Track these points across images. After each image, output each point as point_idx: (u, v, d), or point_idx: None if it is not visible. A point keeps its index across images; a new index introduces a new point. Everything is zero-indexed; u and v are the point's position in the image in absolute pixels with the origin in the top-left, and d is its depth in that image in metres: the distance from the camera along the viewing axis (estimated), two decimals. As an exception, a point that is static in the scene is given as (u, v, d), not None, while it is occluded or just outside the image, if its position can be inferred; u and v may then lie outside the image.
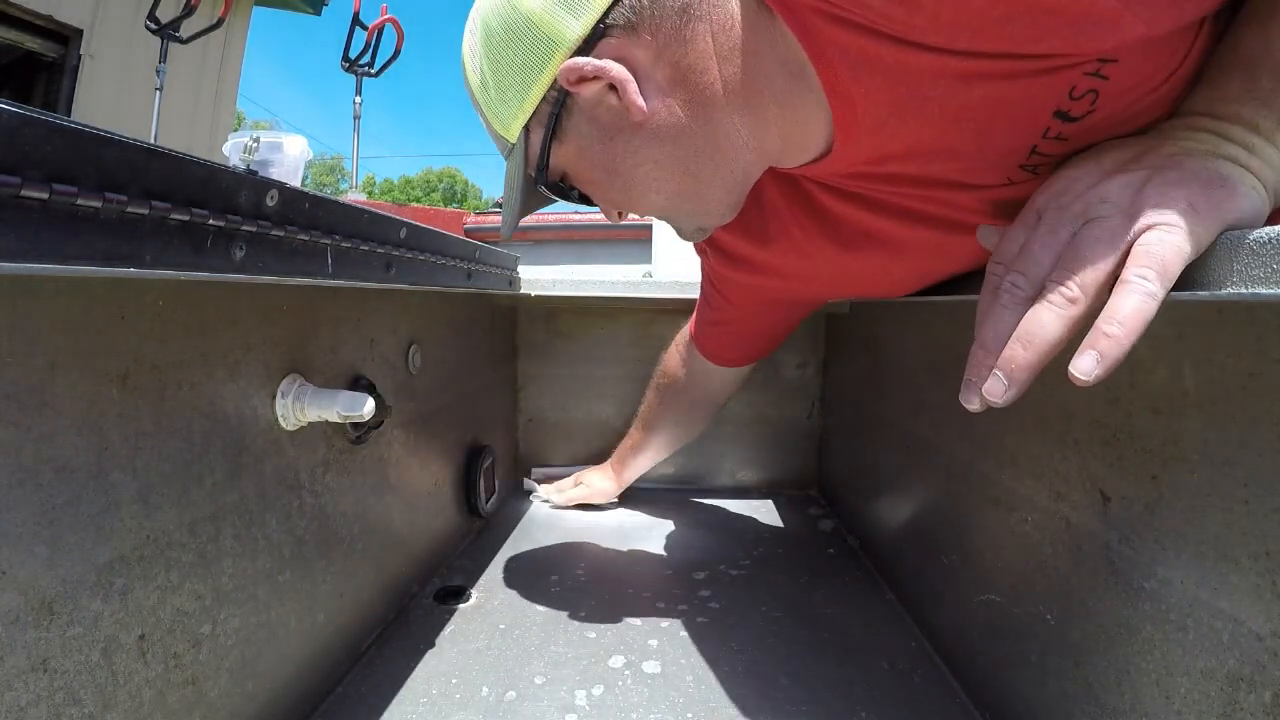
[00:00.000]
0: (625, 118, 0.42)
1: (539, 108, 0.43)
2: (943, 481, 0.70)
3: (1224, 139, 0.33)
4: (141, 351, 0.39)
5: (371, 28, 2.39)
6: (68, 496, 0.34)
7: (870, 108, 0.39)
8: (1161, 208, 0.30)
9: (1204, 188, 0.30)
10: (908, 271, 0.57)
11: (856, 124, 0.40)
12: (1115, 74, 0.34)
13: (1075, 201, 0.33)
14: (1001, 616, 0.56)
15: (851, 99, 0.39)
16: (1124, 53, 0.33)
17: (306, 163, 1.22)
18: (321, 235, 0.42)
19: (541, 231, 2.11)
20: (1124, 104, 0.36)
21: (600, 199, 0.50)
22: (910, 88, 0.37)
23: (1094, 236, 0.31)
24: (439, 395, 0.86)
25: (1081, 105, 0.36)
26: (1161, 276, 0.29)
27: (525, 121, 0.44)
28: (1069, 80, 0.35)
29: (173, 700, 0.41)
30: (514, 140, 0.45)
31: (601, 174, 0.46)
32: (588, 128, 0.43)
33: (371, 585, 0.68)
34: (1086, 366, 0.29)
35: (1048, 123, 0.37)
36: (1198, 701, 0.36)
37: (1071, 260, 0.31)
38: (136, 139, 0.28)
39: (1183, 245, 0.29)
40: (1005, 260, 0.35)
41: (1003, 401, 0.33)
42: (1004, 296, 0.34)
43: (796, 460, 1.24)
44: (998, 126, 0.38)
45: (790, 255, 0.60)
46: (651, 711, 0.59)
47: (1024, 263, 0.34)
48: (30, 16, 3.58)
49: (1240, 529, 0.33)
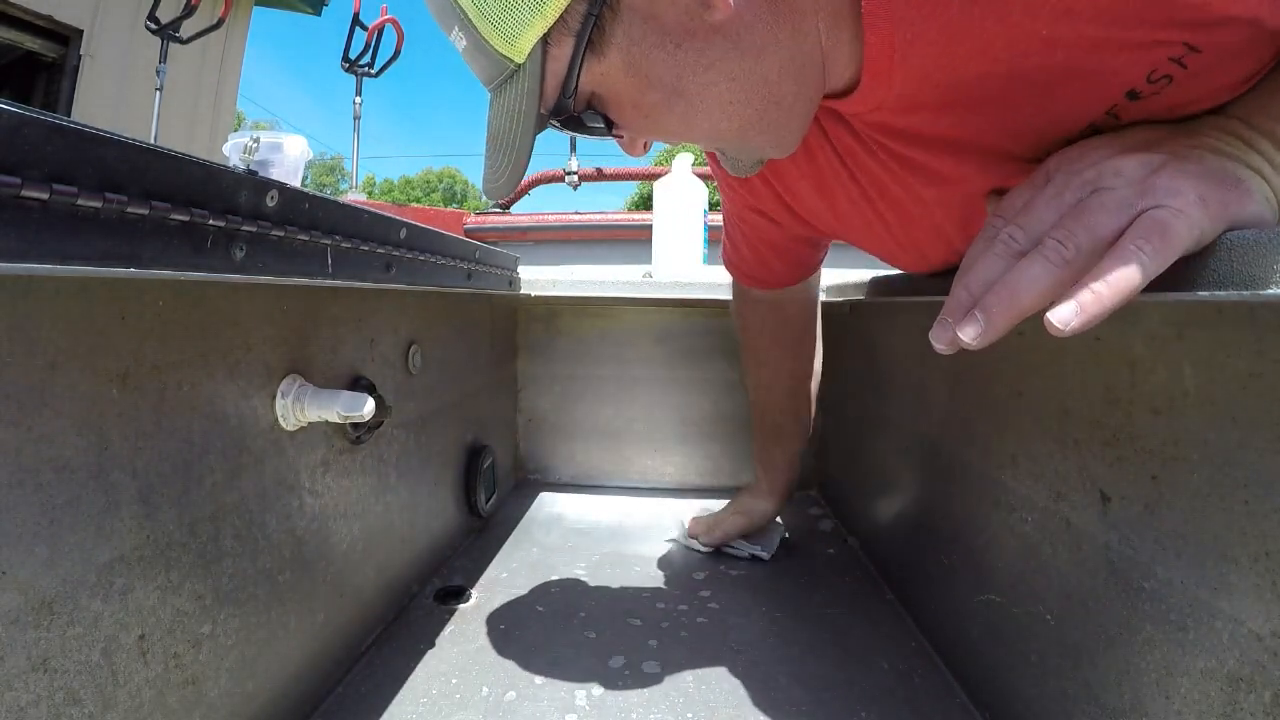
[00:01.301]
0: (700, 18, 0.34)
1: (569, 8, 0.33)
2: (943, 481, 0.70)
3: (1251, 148, 0.32)
4: (141, 351, 0.39)
5: (371, 28, 2.39)
6: (68, 496, 0.34)
7: (913, 57, 0.35)
8: (1173, 192, 0.29)
9: (1218, 185, 0.30)
10: (913, 242, 0.54)
11: (890, 70, 0.36)
12: (1194, 65, 0.32)
13: (1088, 169, 0.32)
14: (1001, 616, 0.56)
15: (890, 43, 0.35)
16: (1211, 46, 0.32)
17: (306, 163, 1.22)
18: (321, 235, 0.42)
19: (541, 232, 2.11)
20: (1187, 98, 0.34)
21: (644, 128, 0.40)
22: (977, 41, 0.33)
23: (1100, 203, 0.31)
24: (439, 395, 0.86)
25: (1153, 89, 0.33)
26: (1158, 254, 0.28)
27: (545, 30, 0.34)
28: (1154, 61, 0.32)
29: (173, 700, 0.41)
30: (520, 59, 0.35)
31: (661, 95, 0.37)
32: (644, 32, 0.35)
33: (371, 585, 0.68)
34: (1065, 315, 0.28)
35: (1117, 99, 0.34)
36: (1198, 701, 0.36)
37: (1072, 221, 0.31)
38: (136, 139, 0.28)
39: (1185, 232, 0.29)
40: (1006, 215, 0.34)
41: (975, 343, 0.31)
42: (998, 246, 0.33)
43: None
44: (1067, 90, 0.34)
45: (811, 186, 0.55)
46: (651, 711, 0.59)
47: (1025, 218, 0.33)
48: (30, 16, 3.58)
49: (1240, 529, 0.33)
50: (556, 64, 0.36)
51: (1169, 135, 0.34)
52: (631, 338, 1.22)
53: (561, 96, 0.37)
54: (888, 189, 0.49)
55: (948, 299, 0.34)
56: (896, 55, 0.35)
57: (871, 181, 0.49)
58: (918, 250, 0.56)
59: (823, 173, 0.53)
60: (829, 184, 0.53)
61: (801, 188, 0.57)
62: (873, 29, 0.34)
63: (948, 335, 0.32)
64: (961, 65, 0.35)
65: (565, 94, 0.36)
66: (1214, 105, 0.35)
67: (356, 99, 2.65)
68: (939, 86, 0.37)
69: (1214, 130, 0.34)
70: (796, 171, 0.55)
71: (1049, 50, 0.33)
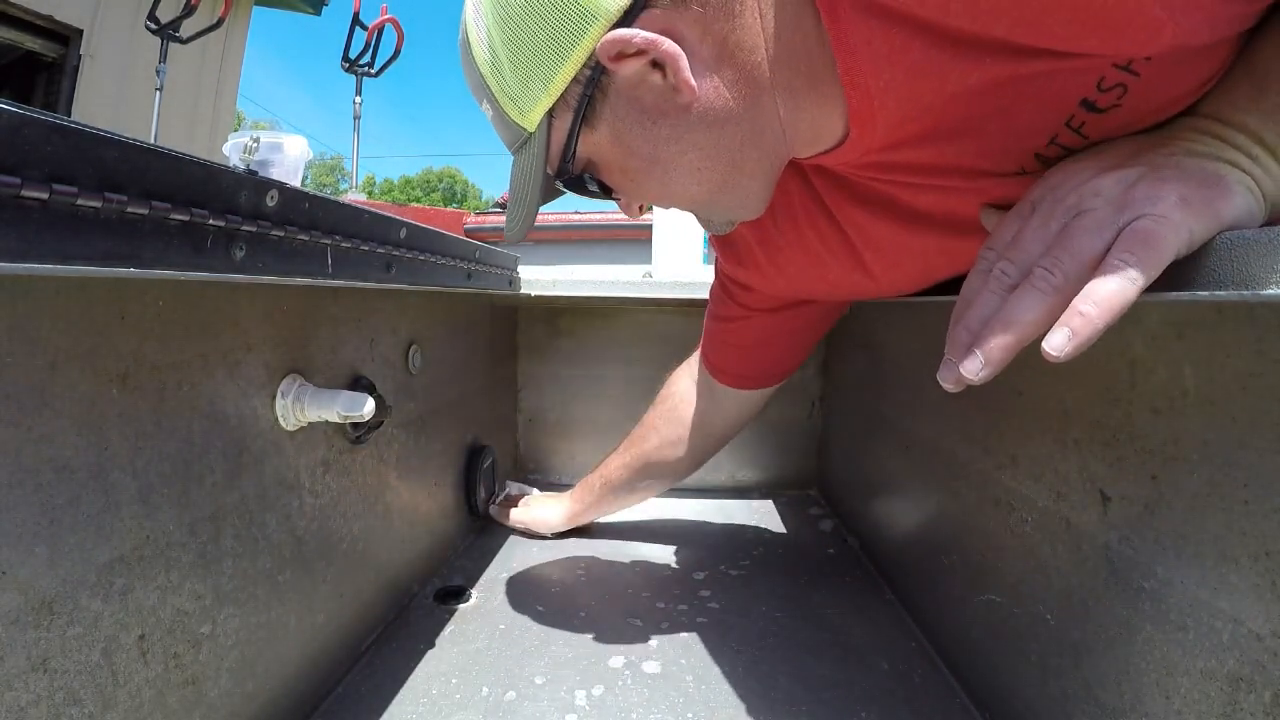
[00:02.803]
0: (672, 99, 0.38)
1: (568, 89, 0.39)
2: (943, 481, 0.70)
3: (1227, 144, 0.33)
4: (141, 351, 0.39)
5: (371, 28, 2.39)
6: (68, 496, 0.34)
7: (890, 101, 0.38)
8: (1152, 200, 0.30)
9: (1198, 184, 0.30)
10: (908, 273, 0.57)
11: (873, 115, 0.39)
12: (1146, 72, 0.34)
13: (1069, 195, 0.33)
14: (1001, 616, 0.56)
15: (869, 91, 0.37)
16: (1159, 53, 0.33)
17: (306, 163, 1.22)
18: (321, 235, 0.43)
19: (541, 231, 2.11)
20: (1152, 104, 0.36)
21: (631, 191, 0.46)
22: (936, 79, 0.36)
23: (1082, 226, 0.31)
24: (439, 395, 0.86)
25: (1108, 97, 0.35)
26: (1143, 263, 0.29)
27: (550, 106, 0.40)
28: (1099, 71, 0.34)
29: (173, 700, 0.41)
30: (532, 129, 0.41)
31: (640, 163, 0.42)
32: (626, 110, 0.40)
33: (371, 585, 0.68)
34: (1058, 343, 0.29)
35: (1073, 110, 0.36)
36: (1198, 701, 0.36)
37: (1058, 249, 0.32)
38: (136, 139, 0.28)
39: (1170, 236, 0.29)
40: (997, 247, 0.36)
41: (978, 380, 0.33)
42: (992, 282, 0.34)
43: (796, 460, 1.24)
44: (1023, 108, 0.37)
45: (797, 251, 0.59)
46: (651, 711, 0.59)
47: (1014, 251, 0.34)
48: (30, 16, 3.58)
49: (1240, 529, 0.33)
50: (558, 134, 0.41)
51: (1145, 145, 0.34)
52: (631, 338, 1.22)
53: (563, 160, 0.42)
54: (871, 234, 0.52)
55: (949, 338, 0.35)
56: (876, 102, 0.38)
57: (857, 231, 0.53)
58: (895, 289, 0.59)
59: (810, 241, 0.57)
60: (814, 247, 0.57)
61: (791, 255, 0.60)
62: (851, 86, 0.38)
63: (953, 375, 0.34)
64: (928, 101, 0.37)
65: (565, 158, 0.42)
66: (1188, 105, 0.36)
67: (356, 99, 2.65)
68: (913, 122, 0.39)
69: (1188, 132, 0.34)
70: (783, 241, 0.59)
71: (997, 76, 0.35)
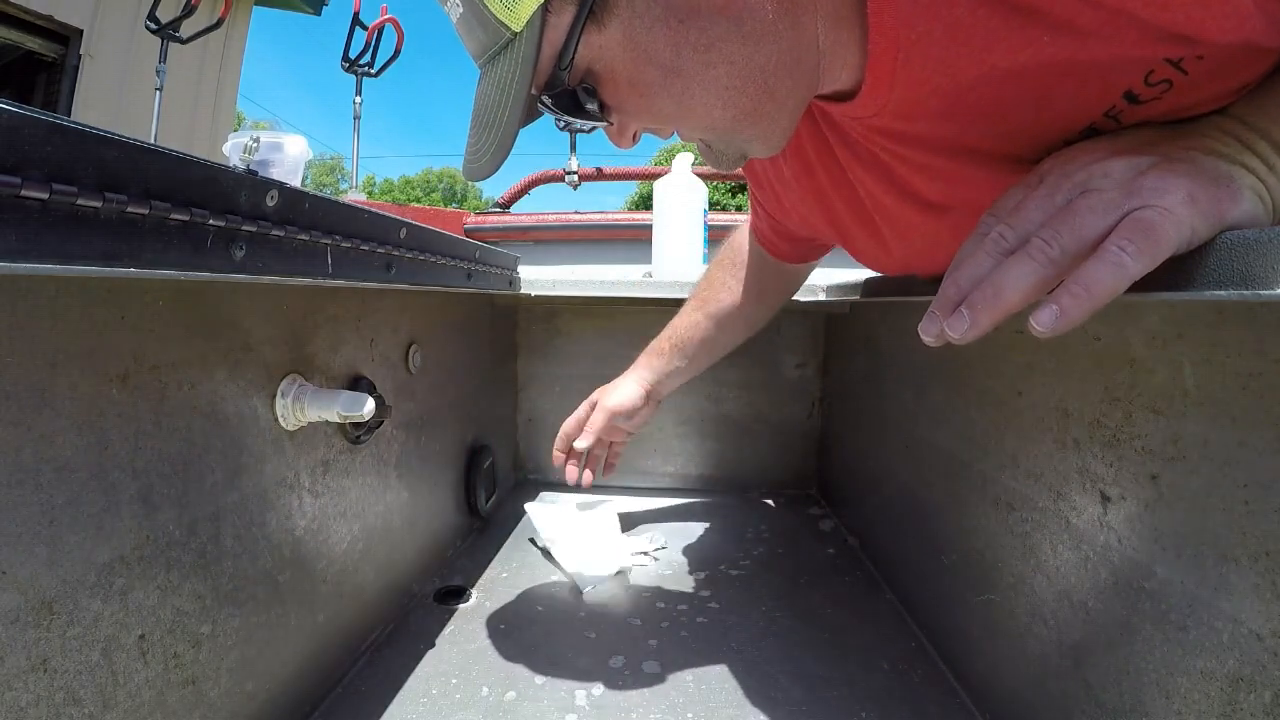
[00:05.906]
0: None
1: None
2: (943, 481, 0.70)
3: (1247, 148, 0.32)
4: (141, 351, 0.39)
5: (371, 28, 2.38)
6: (68, 496, 0.34)
7: (915, 58, 0.35)
8: (1160, 191, 0.30)
9: (1208, 184, 0.30)
10: (920, 251, 0.55)
11: (892, 70, 0.36)
12: (1195, 71, 0.32)
13: (1079, 171, 0.33)
14: (1001, 616, 0.56)
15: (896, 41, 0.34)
16: (1212, 51, 0.31)
17: (306, 163, 1.22)
18: (321, 235, 0.42)
19: (541, 231, 2.11)
20: (1187, 100, 0.34)
21: (637, 109, 0.39)
22: (978, 48, 0.33)
23: (1087, 205, 0.31)
24: (439, 395, 0.86)
25: (1152, 92, 0.34)
26: (1142, 253, 0.28)
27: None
28: (1150, 64, 0.32)
29: (173, 700, 0.41)
30: (519, 26, 0.34)
31: (657, 73, 0.35)
32: (647, 4, 0.33)
33: (371, 585, 0.68)
34: (1046, 319, 0.29)
35: (1114, 101, 0.34)
36: (1198, 701, 0.36)
37: (1059, 222, 0.31)
38: (136, 139, 0.28)
39: (1171, 231, 0.29)
40: (999, 214, 0.35)
41: (960, 338, 0.32)
42: (988, 244, 0.33)
43: (796, 460, 1.24)
44: (1063, 93, 0.35)
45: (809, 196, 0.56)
46: (651, 711, 0.59)
47: (1016, 217, 0.33)
48: (30, 16, 3.58)
49: (1240, 529, 0.33)
50: (555, 32, 0.34)
51: (1163, 137, 0.34)
52: (631, 338, 1.21)
53: (557, 68, 0.35)
54: (880, 201, 0.49)
55: (938, 293, 0.34)
56: (900, 55, 0.35)
57: (868, 194, 0.50)
58: (906, 265, 0.57)
59: (821, 184, 0.53)
60: (827, 194, 0.54)
61: (801, 197, 0.58)
62: (878, 28, 0.34)
63: (935, 329, 0.33)
64: (963, 68, 0.35)
65: (561, 65, 0.35)
66: (1217, 108, 0.35)
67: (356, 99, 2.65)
68: (939, 93, 0.37)
69: (1211, 130, 0.34)
70: (796, 183, 0.56)
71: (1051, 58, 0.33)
